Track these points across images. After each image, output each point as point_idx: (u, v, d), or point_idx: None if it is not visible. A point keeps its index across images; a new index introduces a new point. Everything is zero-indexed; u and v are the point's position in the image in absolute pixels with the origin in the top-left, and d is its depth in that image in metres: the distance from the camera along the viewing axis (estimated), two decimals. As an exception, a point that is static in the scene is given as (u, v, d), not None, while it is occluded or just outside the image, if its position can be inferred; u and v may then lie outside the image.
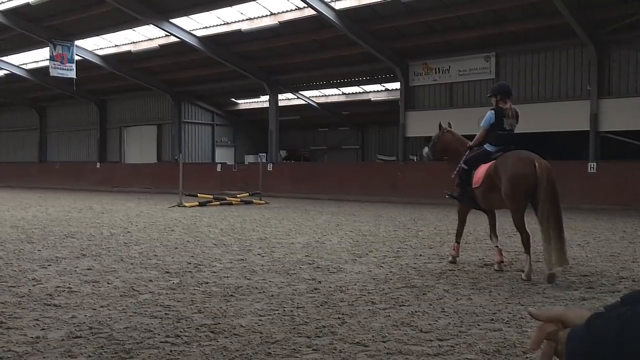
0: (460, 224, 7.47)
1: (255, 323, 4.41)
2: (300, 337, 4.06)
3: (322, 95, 28.85)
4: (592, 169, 17.56)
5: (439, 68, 21.66)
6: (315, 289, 5.68)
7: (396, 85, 24.30)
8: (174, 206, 16.83)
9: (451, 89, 21.67)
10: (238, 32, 22.37)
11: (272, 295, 5.37)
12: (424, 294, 5.49)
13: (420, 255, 7.96)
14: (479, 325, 4.41)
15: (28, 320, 4.42)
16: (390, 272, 6.64)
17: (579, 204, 16.50)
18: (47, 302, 5.04)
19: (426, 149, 8.16)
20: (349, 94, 28.02)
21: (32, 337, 3.99)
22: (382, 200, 20.75)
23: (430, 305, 5.03)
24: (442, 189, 8.92)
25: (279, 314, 4.71)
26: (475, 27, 19.49)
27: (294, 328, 4.27)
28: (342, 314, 4.69)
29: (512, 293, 5.56)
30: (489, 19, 19.01)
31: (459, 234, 7.45)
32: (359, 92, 27.65)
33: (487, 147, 7.10)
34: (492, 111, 7.15)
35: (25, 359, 3.54)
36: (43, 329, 4.20)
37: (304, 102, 28.81)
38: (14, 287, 5.65)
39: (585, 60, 18.81)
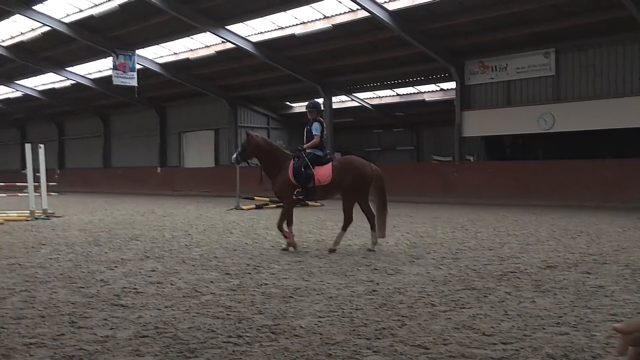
0: (290, 217, 8.71)
1: (315, 324, 4.43)
2: (360, 338, 4.06)
3: (376, 97, 28.74)
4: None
5: (495, 66, 21.20)
6: (374, 290, 5.67)
7: (451, 84, 23.94)
8: (231, 209, 17.14)
9: (509, 87, 21.16)
10: (292, 37, 22.59)
11: (331, 297, 5.39)
12: (485, 296, 5.38)
13: (480, 256, 7.81)
14: (544, 328, 4.28)
15: (97, 320, 4.59)
16: (450, 273, 6.55)
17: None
18: (114, 302, 5.23)
19: (235, 155, 9.06)
20: (403, 94, 27.80)
21: (101, 336, 4.14)
22: (438, 202, 20.48)
23: (492, 308, 4.92)
24: (500, 190, 8.96)
25: (338, 315, 4.72)
26: (533, 22, 18.96)
27: (354, 330, 4.28)
28: (402, 316, 4.66)
29: (579, 296, 5.38)
30: (548, 14, 18.46)
31: (290, 224, 8.65)
32: (414, 93, 27.39)
33: (316, 152, 8.59)
34: (319, 123, 8.73)
35: (95, 358, 3.68)
36: (112, 329, 4.35)
37: (358, 104, 28.79)
38: (83, 287, 5.89)
39: (651, 53, 18.02)
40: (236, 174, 17.97)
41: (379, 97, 28.69)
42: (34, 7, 22.80)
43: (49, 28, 24.38)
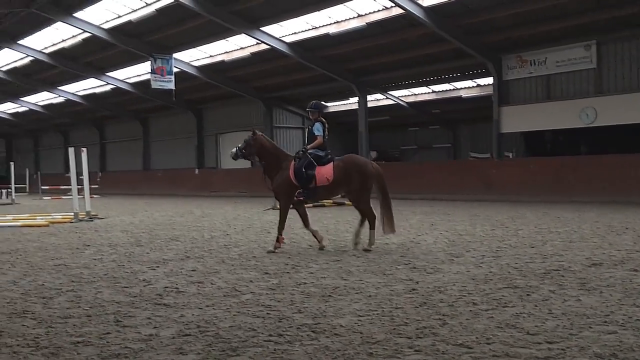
0: (285, 218, 8.59)
1: (355, 323, 4.42)
2: (401, 337, 4.03)
3: (412, 94, 28.52)
4: None
5: (534, 60, 20.78)
6: (413, 289, 5.62)
7: (489, 80, 23.59)
8: (268, 209, 17.25)
9: (548, 81, 20.71)
10: (326, 36, 22.61)
11: (370, 296, 5.37)
12: (528, 294, 5.27)
13: (522, 254, 7.66)
14: (590, 327, 4.18)
15: (141, 319, 4.68)
16: (490, 272, 6.44)
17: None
18: (157, 301, 5.32)
19: (235, 150, 8.91)
20: (439, 91, 27.52)
21: (145, 335, 4.22)
22: (476, 199, 20.20)
23: (536, 306, 4.82)
24: (541, 186, 8.75)
25: (378, 314, 4.70)
26: (573, 14, 18.51)
27: (394, 329, 4.25)
28: (443, 315, 4.60)
29: (626, 294, 5.22)
30: (588, 5, 18.00)
31: (282, 227, 8.51)
32: (450, 90, 27.09)
33: (317, 152, 8.60)
34: (321, 123, 8.74)
35: (140, 356, 3.75)
36: (155, 327, 4.43)
37: (393, 102, 28.63)
38: (127, 287, 6.01)
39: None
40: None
41: (415, 94, 28.46)
42: (74, 14, 23.40)
43: (89, 34, 24.99)
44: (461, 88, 26.67)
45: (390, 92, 28.12)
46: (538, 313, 4.60)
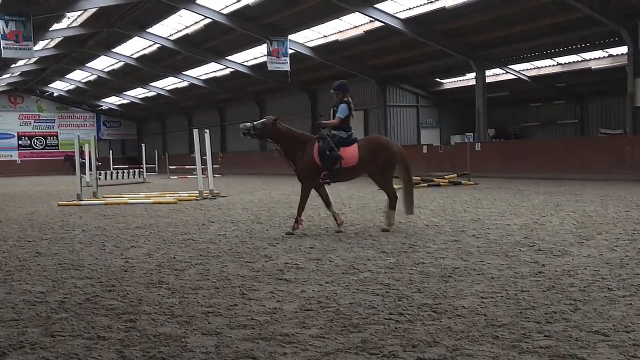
0: (306, 201, 8.55)
1: (478, 305, 4.28)
2: (528, 321, 3.85)
3: (534, 68, 26.96)
4: None
5: (676, 25, 18.80)
6: (540, 272, 5.34)
7: (622, 49, 21.71)
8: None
9: (693, 48, 18.68)
10: (442, 10, 21.90)
11: (493, 278, 5.18)
12: (671, 282, 4.83)
13: (662, 238, 7.03)
14: None
15: (264, 293, 4.85)
16: (626, 256, 5.97)
17: None
18: (279, 276, 5.49)
19: (248, 124, 8.77)
20: (565, 63, 25.77)
21: (269, 308, 4.37)
22: (607, 179, 18.82)
23: (682, 294, 4.40)
24: None
25: (502, 296, 4.52)
26: None
27: (521, 312, 4.06)
28: (574, 300, 4.33)
29: None
30: None
31: (302, 210, 8.49)
32: (577, 61, 25.27)
33: (340, 133, 8.45)
34: (346, 104, 8.55)
35: (266, 328, 3.89)
36: (278, 301, 4.57)
37: (513, 77, 27.28)
38: (249, 262, 6.26)
39: None
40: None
41: (537, 67, 26.87)
42: (196, 1, 24.49)
43: (210, 20, 26.06)
44: (590, 59, 24.76)
45: (510, 66, 26.77)
46: (685, 302, 4.20)
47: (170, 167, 34.60)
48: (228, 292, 4.92)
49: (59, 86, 47.01)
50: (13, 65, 36.04)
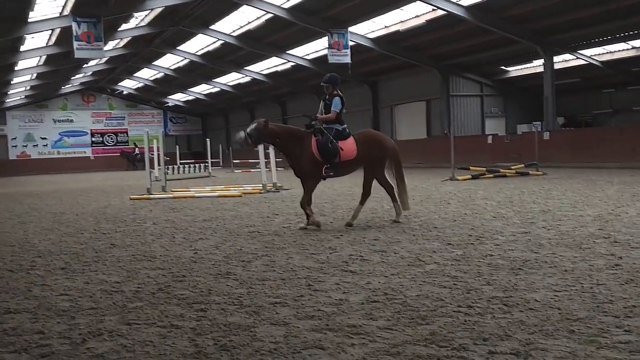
0: (310, 196, 8.47)
1: (551, 298, 4.14)
2: (606, 316, 3.69)
3: (607, 52, 25.73)
4: None
5: None
6: (616, 265, 5.11)
7: None
8: (446, 180, 16.91)
9: None
10: (508, -5, 21.23)
11: (566, 270, 4.99)
12: None
13: None
14: None
15: (330, 284, 4.87)
16: None
17: None
18: (344, 268, 5.49)
19: (242, 134, 8.49)
20: (640, 47, 24.46)
21: (336, 299, 4.38)
22: (689, 167, 17.81)
23: None
24: None
25: (576, 290, 4.35)
26: None
27: (597, 306, 3.90)
28: (656, 295, 4.12)
29: None
30: None
31: (309, 204, 8.35)
32: (653, 44, 23.93)
33: (337, 127, 8.38)
34: (339, 98, 8.48)
35: (333, 319, 3.90)
36: (344, 293, 4.58)
37: (584, 62, 26.13)
38: (314, 254, 6.30)
39: None
40: (450, 144, 17.62)
41: (610, 52, 25.62)
42: (258, -3, 24.78)
43: (271, 15, 26.30)
44: (668, 41, 23.41)
45: (580, 52, 25.65)
46: None
47: (234, 161, 35.28)
48: (294, 283, 4.96)
49: (128, 84, 48.76)
50: (85, 65, 37.62)
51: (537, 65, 27.16)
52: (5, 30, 22.95)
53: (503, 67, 29.97)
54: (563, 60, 26.46)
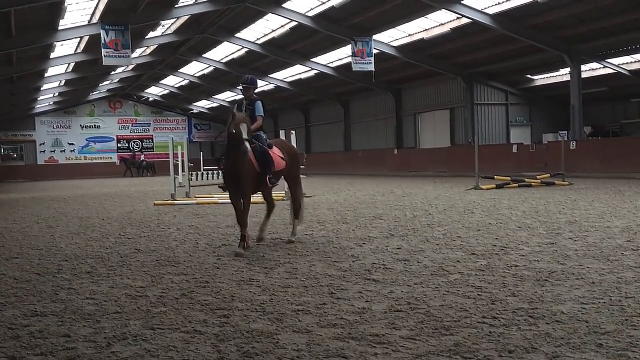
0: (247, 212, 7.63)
1: (578, 311, 4.07)
2: (635, 329, 3.61)
3: (635, 61, 25.33)
4: None
5: None
6: (646, 278, 5.00)
7: None
8: (470, 189, 16.75)
9: None
10: (534, 3, 21.02)
11: (594, 283, 4.90)
12: None
13: None
14: None
15: (353, 292, 4.85)
16: None
17: None
18: (366, 277, 5.47)
19: (245, 135, 7.22)
20: (670, 55, 24.03)
21: (358, 308, 4.36)
22: None
23: None
24: None
25: (604, 302, 4.27)
26: None
27: (626, 320, 3.82)
28: (687, 309, 4.02)
29: None
30: None
31: (245, 223, 7.44)
32: (684, 52, 23.49)
33: (261, 133, 7.65)
34: (261, 102, 7.82)
35: (356, 327, 3.88)
36: (367, 301, 4.55)
37: (612, 71, 25.75)
38: (337, 262, 6.28)
39: None
40: (474, 153, 17.46)
41: (638, 61, 25.21)
42: (283, 5, 24.94)
43: (295, 23, 26.44)
44: (698, 50, 22.96)
45: (608, 60, 25.29)
46: None
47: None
48: (317, 291, 4.96)
49: (153, 91, 49.38)
50: (112, 72, 38.22)
51: (563, 74, 26.84)
52: (37, 37, 23.46)
53: (529, 76, 29.68)
54: (590, 69, 26.11)
